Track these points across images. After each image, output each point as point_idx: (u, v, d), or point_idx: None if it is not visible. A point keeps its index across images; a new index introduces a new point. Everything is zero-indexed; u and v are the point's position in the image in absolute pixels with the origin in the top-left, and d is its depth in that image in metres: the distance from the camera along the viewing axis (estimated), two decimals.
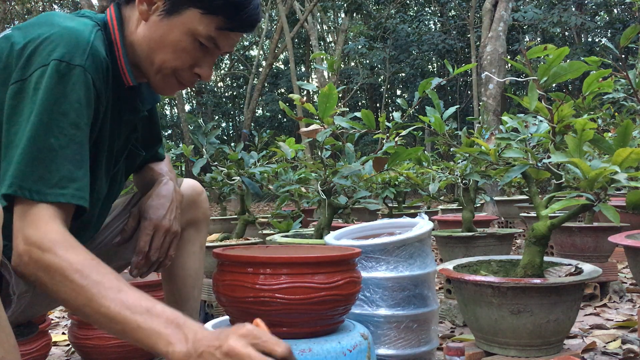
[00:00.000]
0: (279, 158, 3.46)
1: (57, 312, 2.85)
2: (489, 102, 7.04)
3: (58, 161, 0.89)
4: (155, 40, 1.03)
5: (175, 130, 19.25)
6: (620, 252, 2.93)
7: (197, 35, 1.02)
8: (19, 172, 0.88)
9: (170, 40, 1.02)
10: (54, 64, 0.90)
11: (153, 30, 1.02)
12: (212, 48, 1.05)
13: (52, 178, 0.89)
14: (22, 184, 0.88)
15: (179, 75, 1.06)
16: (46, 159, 0.89)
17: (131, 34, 1.05)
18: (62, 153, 0.90)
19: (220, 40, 1.04)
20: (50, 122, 0.89)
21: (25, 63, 0.91)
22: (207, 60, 1.07)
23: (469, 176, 2.33)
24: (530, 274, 1.56)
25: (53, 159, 0.89)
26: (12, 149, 0.89)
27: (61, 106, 0.90)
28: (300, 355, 1.03)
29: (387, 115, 14.37)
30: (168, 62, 1.04)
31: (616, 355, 1.74)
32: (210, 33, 1.02)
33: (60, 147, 0.90)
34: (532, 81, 1.53)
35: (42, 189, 0.88)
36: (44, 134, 0.89)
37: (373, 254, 1.50)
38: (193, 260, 1.37)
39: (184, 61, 1.04)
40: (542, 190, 6.44)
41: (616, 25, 13.44)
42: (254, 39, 19.91)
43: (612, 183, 1.32)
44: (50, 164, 0.89)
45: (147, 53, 1.04)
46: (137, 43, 1.05)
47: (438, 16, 16.76)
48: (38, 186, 0.88)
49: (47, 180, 0.89)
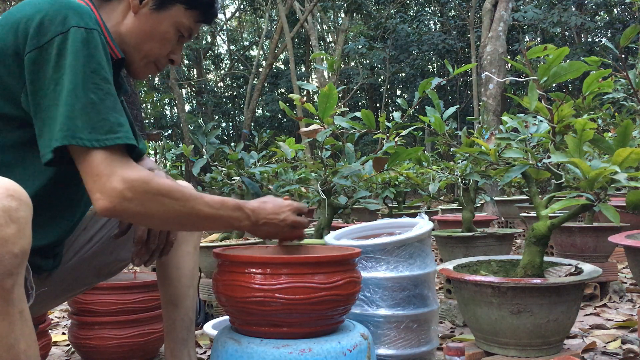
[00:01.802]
0: (279, 158, 3.47)
1: (57, 312, 2.85)
2: (489, 102, 7.04)
3: (103, 112, 0.96)
4: (145, 31, 1.14)
5: (175, 130, 19.24)
6: (620, 252, 2.93)
7: (180, 27, 1.17)
8: (69, 126, 0.93)
9: (159, 31, 1.15)
10: (75, 30, 0.97)
11: (143, 23, 1.14)
12: (186, 37, 1.20)
13: (104, 126, 0.96)
14: (77, 134, 0.93)
15: (159, 61, 1.20)
16: (91, 113, 0.95)
17: (117, 24, 1.14)
18: (104, 105, 0.97)
19: (194, 31, 1.20)
20: (86, 80, 0.96)
21: (37, 32, 0.96)
22: (179, 48, 1.22)
23: (469, 176, 2.33)
24: (530, 274, 1.56)
25: (98, 111, 0.96)
26: (50, 109, 0.95)
27: (91, 65, 0.97)
28: (300, 355, 1.03)
29: (387, 115, 14.37)
30: (154, 51, 1.17)
31: (616, 355, 1.74)
32: (191, 25, 1.18)
33: (100, 100, 0.97)
34: (532, 81, 1.53)
35: (99, 137, 0.95)
36: (82, 91, 0.95)
37: (373, 254, 1.50)
38: (187, 260, 1.38)
39: (166, 49, 1.18)
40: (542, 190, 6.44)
41: (616, 25, 13.44)
42: (254, 39, 19.93)
43: (612, 183, 1.32)
44: (97, 115, 0.96)
45: (136, 42, 1.15)
46: (126, 32, 1.14)
47: (438, 16, 16.77)
48: (93, 135, 0.95)
49: (99, 129, 0.95)
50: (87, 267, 1.29)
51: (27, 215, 0.81)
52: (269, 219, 1.16)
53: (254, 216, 1.13)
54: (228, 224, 1.12)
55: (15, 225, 0.78)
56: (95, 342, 1.77)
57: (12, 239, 0.78)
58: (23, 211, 0.80)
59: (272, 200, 1.19)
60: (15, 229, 0.78)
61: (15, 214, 0.79)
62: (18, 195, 0.81)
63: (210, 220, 1.08)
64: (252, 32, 20.96)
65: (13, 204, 0.79)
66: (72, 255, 1.26)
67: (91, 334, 1.78)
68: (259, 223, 1.15)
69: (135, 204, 0.96)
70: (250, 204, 1.14)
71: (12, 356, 0.79)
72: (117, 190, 0.95)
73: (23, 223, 0.80)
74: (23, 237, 0.79)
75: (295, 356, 1.02)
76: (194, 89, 19.05)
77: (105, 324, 1.78)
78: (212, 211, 1.07)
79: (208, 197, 1.07)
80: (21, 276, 0.80)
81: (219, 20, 19.15)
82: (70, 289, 1.31)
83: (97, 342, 1.77)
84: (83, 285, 1.35)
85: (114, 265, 1.35)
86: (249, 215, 1.13)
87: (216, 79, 21.49)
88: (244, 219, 1.12)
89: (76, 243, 1.27)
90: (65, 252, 1.24)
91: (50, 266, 1.16)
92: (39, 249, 1.09)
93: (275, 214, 1.16)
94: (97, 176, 0.95)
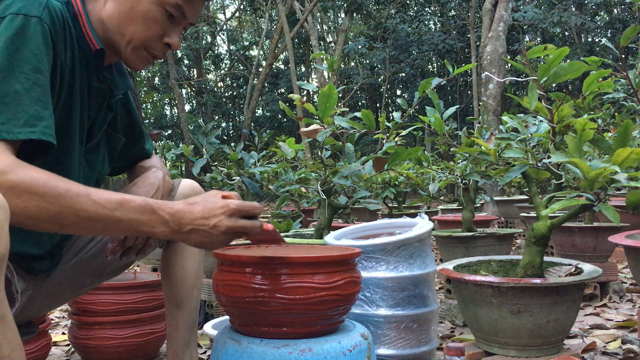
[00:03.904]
0: (279, 158, 3.46)
1: (57, 312, 2.85)
2: (489, 102, 7.04)
3: (25, 103, 0.91)
4: (124, 13, 1.06)
5: (175, 130, 19.24)
6: (620, 252, 2.93)
7: (164, 4, 1.06)
8: None
9: (139, 11, 1.06)
10: (11, 16, 0.93)
11: (122, 3, 1.06)
12: (179, 17, 1.09)
13: (21, 118, 0.90)
14: None
15: (150, 46, 1.10)
16: (12, 102, 0.90)
17: (100, 11, 1.08)
18: (28, 96, 0.92)
19: (187, 9, 1.08)
20: (13, 69, 0.91)
21: None
22: (175, 29, 1.11)
23: (469, 176, 2.33)
24: (530, 274, 1.56)
25: (20, 102, 0.91)
26: None
27: (22, 54, 0.92)
28: (300, 355, 1.03)
29: (387, 115, 14.37)
30: (138, 33, 1.07)
31: (616, 355, 1.74)
32: (177, 1, 1.06)
33: (26, 90, 0.91)
34: (532, 81, 1.54)
35: (12, 129, 0.89)
36: (7, 80, 0.90)
37: (373, 254, 1.50)
38: (192, 260, 1.37)
39: (154, 31, 1.08)
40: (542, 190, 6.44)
41: (616, 25, 13.44)
42: (254, 39, 19.93)
43: (612, 183, 1.32)
44: (17, 106, 0.90)
45: (118, 26, 1.08)
46: (107, 18, 1.08)
47: (438, 16, 16.76)
48: (7, 127, 0.89)
49: (16, 120, 0.90)
50: (87, 268, 1.29)
51: (3, 218, 0.77)
52: (197, 225, 0.94)
53: (174, 221, 0.94)
54: (133, 229, 0.92)
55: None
56: (95, 342, 1.77)
57: None
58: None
59: (203, 200, 0.97)
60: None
61: None
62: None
63: (102, 222, 0.89)
64: (252, 32, 20.95)
65: None
66: (72, 255, 1.26)
67: (91, 334, 1.78)
68: (182, 230, 0.94)
69: None
70: (172, 206, 0.95)
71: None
72: None
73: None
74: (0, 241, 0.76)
75: (295, 356, 1.02)
76: (194, 89, 19.04)
77: (105, 324, 1.78)
78: (103, 212, 0.89)
79: (101, 195, 0.90)
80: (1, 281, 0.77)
81: (219, 20, 19.15)
82: (71, 290, 1.31)
83: (97, 342, 1.77)
84: (84, 286, 1.35)
85: (114, 266, 1.35)
86: (165, 220, 0.93)
87: (216, 79, 21.48)
88: (157, 224, 0.93)
89: (77, 244, 1.27)
90: (65, 253, 1.24)
91: (47, 267, 1.15)
92: (32, 254, 1.08)
93: (204, 219, 0.95)
94: None
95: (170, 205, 0.94)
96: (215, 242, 0.97)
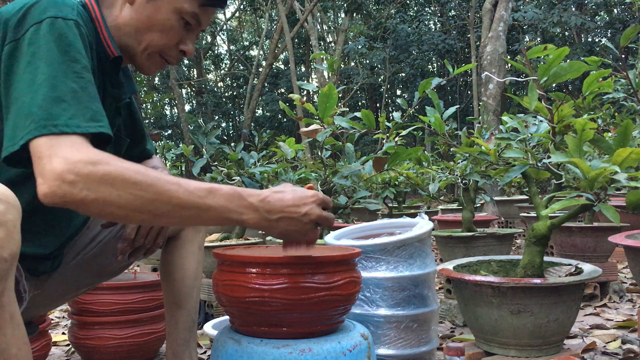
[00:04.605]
0: (279, 158, 3.46)
1: (57, 312, 2.85)
2: (489, 102, 7.04)
3: (84, 100, 0.91)
4: (142, 21, 1.08)
5: (175, 130, 19.23)
6: (620, 252, 2.93)
7: (182, 13, 1.08)
8: (47, 114, 0.86)
9: (158, 19, 1.07)
10: (51, 20, 0.93)
11: (140, 12, 1.07)
12: (195, 25, 1.11)
13: (86, 114, 0.90)
14: (56, 122, 0.86)
15: (166, 53, 1.12)
16: (73, 100, 0.89)
17: (116, 17, 1.09)
18: (85, 93, 0.92)
19: (202, 17, 1.11)
20: (66, 69, 0.91)
21: (17, 25, 0.93)
22: (190, 37, 1.13)
23: (469, 176, 2.33)
24: (530, 274, 1.56)
25: (80, 100, 0.90)
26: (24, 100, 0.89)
27: (70, 54, 0.92)
28: (300, 355, 1.03)
29: (387, 115, 14.37)
30: (156, 41, 1.09)
31: (616, 355, 1.74)
32: (195, 10, 1.08)
33: (82, 88, 0.92)
34: (532, 81, 1.53)
35: (80, 124, 0.88)
36: (63, 80, 0.90)
37: (373, 254, 1.50)
38: (192, 260, 1.37)
39: (170, 39, 1.10)
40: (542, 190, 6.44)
41: (616, 25, 13.44)
42: (254, 39, 19.92)
43: (612, 183, 1.32)
44: (79, 103, 0.90)
45: (135, 33, 1.09)
46: (124, 24, 1.08)
47: (438, 16, 16.76)
48: (75, 121, 0.88)
49: (82, 116, 0.89)
50: (88, 268, 1.29)
51: (15, 218, 0.78)
52: (288, 213, 0.95)
53: (264, 208, 0.93)
54: (222, 217, 0.92)
55: (3, 228, 0.76)
56: (95, 342, 1.77)
57: (1, 243, 0.75)
58: (11, 214, 0.78)
59: (291, 189, 0.98)
60: (4, 232, 0.76)
61: (3, 218, 0.76)
62: (6, 198, 0.78)
63: (193, 210, 0.89)
64: (252, 32, 20.95)
65: (0, 207, 0.77)
66: (73, 256, 1.26)
67: (91, 334, 1.78)
68: (271, 217, 0.94)
69: (79, 187, 0.83)
70: (259, 193, 0.94)
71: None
72: (57, 171, 0.83)
73: (11, 226, 0.77)
74: (12, 240, 0.77)
75: (295, 356, 1.02)
76: (194, 89, 19.04)
77: (105, 324, 1.78)
78: (193, 199, 0.88)
79: (192, 184, 0.90)
80: (11, 280, 0.78)
81: (219, 20, 19.15)
82: (71, 290, 1.31)
83: (97, 342, 1.77)
84: (84, 286, 1.35)
85: (115, 266, 1.35)
86: (255, 207, 0.93)
87: (216, 79, 21.47)
88: (247, 211, 0.92)
89: (78, 244, 1.27)
90: (66, 254, 1.24)
91: (48, 268, 1.16)
92: (37, 255, 1.08)
93: (296, 207, 0.95)
94: (38, 159, 0.84)
95: (258, 193, 0.95)
96: (302, 231, 0.98)
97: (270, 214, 0.94)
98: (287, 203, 0.95)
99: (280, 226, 0.96)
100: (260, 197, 0.94)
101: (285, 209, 0.95)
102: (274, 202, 0.94)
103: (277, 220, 0.95)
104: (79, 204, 0.84)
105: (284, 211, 0.95)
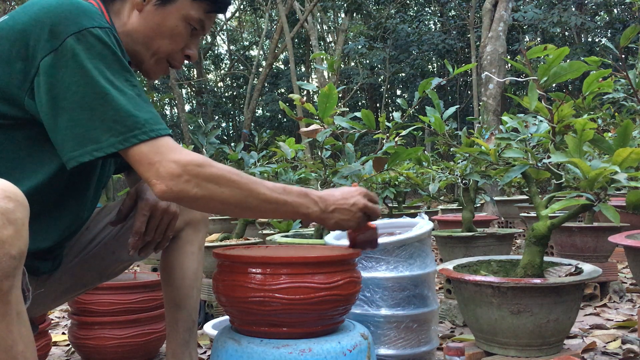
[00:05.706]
0: (279, 158, 3.46)
1: (57, 312, 2.85)
2: (489, 102, 7.04)
3: (144, 104, 0.98)
4: (152, 28, 1.12)
5: (175, 130, 19.22)
6: (620, 252, 2.93)
7: (190, 20, 1.13)
8: (132, 120, 0.94)
9: (167, 26, 1.12)
10: (90, 30, 0.95)
11: (149, 19, 1.11)
12: (199, 30, 1.17)
13: (154, 116, 0.97)
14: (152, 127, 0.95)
15: (172, 58, 1.17)
16: (138, 105, 0.96)
17: (124, 24, 1.12)
18: (142, 99, 0.98)
19: (207, 22, 1.17)
20: (120, 77, 0.96)
21: (50, 35, 0.93)
22: (194, 42, 1.19)
23: (469, 176, 2.33)
24: (530, 274, 1.56)
25: (140, 105, 0.97)
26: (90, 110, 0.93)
27: (118, 62, 0.97)
28: (300, 355, 1.03)
29: (387, 115, 14.36)
30: (164, 47, 1.14)
31: (616, 355, 1.74)
32: (201, 16, 1.14)
33: (138, 94, 0.98)
34: (532, 81, 1.53)
35: (163, 126, 0.97)
36: (122, 87, 0.95)
37: (373, 254, 1.50)
38: (192, 260, 1.37)
39: (178, 45, 1.15)
40: (542, 190, 6.44)
41: (616, 25, 13.43)
42: (254, 39, 19.92)
43: (612, 183, 1.32)
44: (142, 108, 0.96)
45: (144, 40, 1.12)
46: (133, 31, 1.12)
47: (438, 16, 16.75)
48: (159, 125, 0.97)
49: (159, 119, 0.98)
50: (88, 268, 1.29)
51: (23, 216, 0.80)
52: (339, 205, 1.11)
53: (322, 203, 1.09)
54: (294, 211, 1.07)
55: (12, 226, 0.77)
56: (95, 342, 1.77)
57: (10, 241, 0.76)
58: (20, 212, 0.79)
59: (339, 188, 1.16)
60: (13, 230, 0.77)
61: (12, 216, 0.77)
62: (15, 197, 0.79)
63: (274, 204, 1.03)
64: (252, 32, 20.94)
65: (10, 206, 0.78)
66: (73, 256, 1.26)
67: (91, 334, 1.78)
68: (328, 210, 1.10)
69: (191, 185, 0.96)
70: (316, 192, 1.11)
71: (10, 358, 0.79)
72: (172, 173, 0.95)
73: (20, 224, 0.79)
74: (20, 238, 0.78)
75: (295, 356, 1.02)
76: (194, 89, 19.03)
77: (105, 324, 1.78)
78: (275, 195, 1.03)
79: (269, 182, 1.05)
80: (18, 278, 0.79)
81: (219, 20, 19.15)
82: (71, 290, 1.31)
83: (97, 342, 1.77)
84: (85, 286, 1.35)
85: (116, 266, 1.35)
86: (316, 202, 1.09)
87: (216, 79, 21.47)
88: (312, 205, 1.08)
89: (78, 244, 1.27)
90: (66, 254, 1.24)
91: (48, 268, 1.16)
92: (37, 252, 1.08)
93: (345, 199, 1.12)
94: (149, 164, 0.95)
95: (316, 192, 1.11)
96: (353, 220, 1.13)
97: (327, 207, 1.10)
98: (338, 197, 1.12)
99: (335, 217, 1.11)
100: (318, 194, 1.10)
101: (337, 202, 1.11)
102: (327, 197, 1.11)
103: (331, 212, 1.11)
104: (192, 199, 0.97)
105: (336, 204, 1.11)
